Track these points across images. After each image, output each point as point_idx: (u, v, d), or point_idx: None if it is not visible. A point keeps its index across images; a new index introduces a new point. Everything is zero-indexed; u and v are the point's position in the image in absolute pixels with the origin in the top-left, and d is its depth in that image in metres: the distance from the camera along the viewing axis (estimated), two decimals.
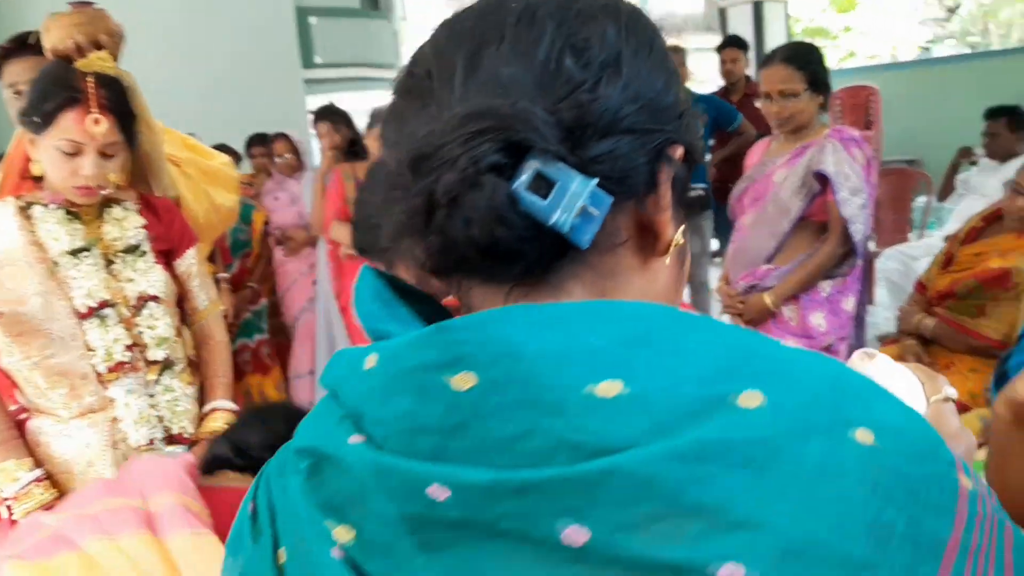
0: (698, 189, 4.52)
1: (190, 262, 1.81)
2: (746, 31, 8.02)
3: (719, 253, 5.43)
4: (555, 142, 0.41)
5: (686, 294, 4.81)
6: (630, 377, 0.37)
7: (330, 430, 0.44)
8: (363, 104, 6.90)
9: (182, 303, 1.82)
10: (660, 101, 0.45)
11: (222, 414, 1.76)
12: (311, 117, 4.25)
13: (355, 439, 0.42)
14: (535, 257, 0.42)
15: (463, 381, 0.39)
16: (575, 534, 0.36)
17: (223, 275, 3.66)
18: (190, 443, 1.70)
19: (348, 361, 0.44)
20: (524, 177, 0.40)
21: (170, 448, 1.67)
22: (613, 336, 0.39)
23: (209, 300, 1.86)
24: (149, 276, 1.69)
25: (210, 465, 1.32)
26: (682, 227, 0.48)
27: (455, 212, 0.40)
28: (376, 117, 3.51)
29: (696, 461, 0.35)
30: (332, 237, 3.61)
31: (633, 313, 0.40)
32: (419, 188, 0.41)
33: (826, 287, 2.45)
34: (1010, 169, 3.27)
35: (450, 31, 0.47)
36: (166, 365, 1.70)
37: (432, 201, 0.41)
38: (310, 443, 0.45)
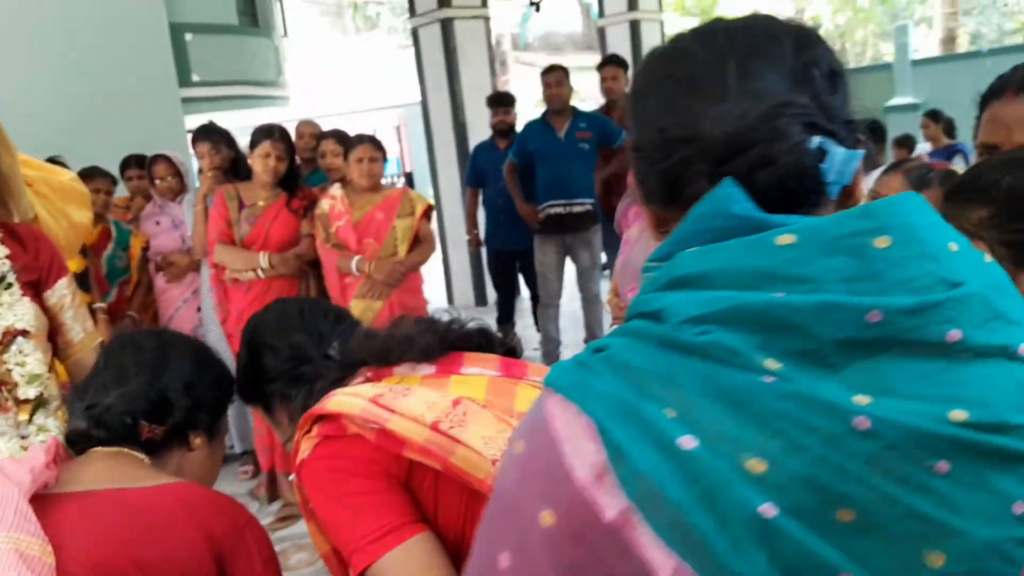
0: (586, 205, 4.63)
1: (62, 293, 1.71)
2: (624, 49, 8.28)
3: (608, 266, 5.56)
4: (829, 126, 0.61)
5: (578, 306, 4.91)
6: (957, 240, 0.60)
7: (725, 297, 0.58)
8: (245, 122, 6.71)
9: (54, 337, 1.72)
10: (853, 99, 0.66)
11: None
12: (190, 137, 4.10)
13: (779, 295, 0.57)
14: (815, 201, 0.62)
15: (883, 242, 0.57)
16: (954, 335, 0.55)
17: (99, 305, 3.48)
18: None
19: (743, 247, 0.59)
20: (814, 148, 0.60)
21: None
22: (937, 217, 0.61)
23: (84, 332, 1.76)
24: (16, 309, 1.59)
25: (74, 447, 1.21)
26: (867, 188, 0.65)
27: (774, 171, 0.60)
28: (259, 135, 3.42)
29: (995, 289, 0.59)
30: (216, 261, 3.49)
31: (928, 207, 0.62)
32: (752, 155, 0.60)
33: None
34: (871, 179, 3.49)
35: (706, 45, 0.65)
36: (39, 404, 1.59)
37: (755, 163, 0.60)
38: (704, 311, 0.58)
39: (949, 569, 0.52)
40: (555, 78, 4.67)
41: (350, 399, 1.14)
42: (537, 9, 4.92)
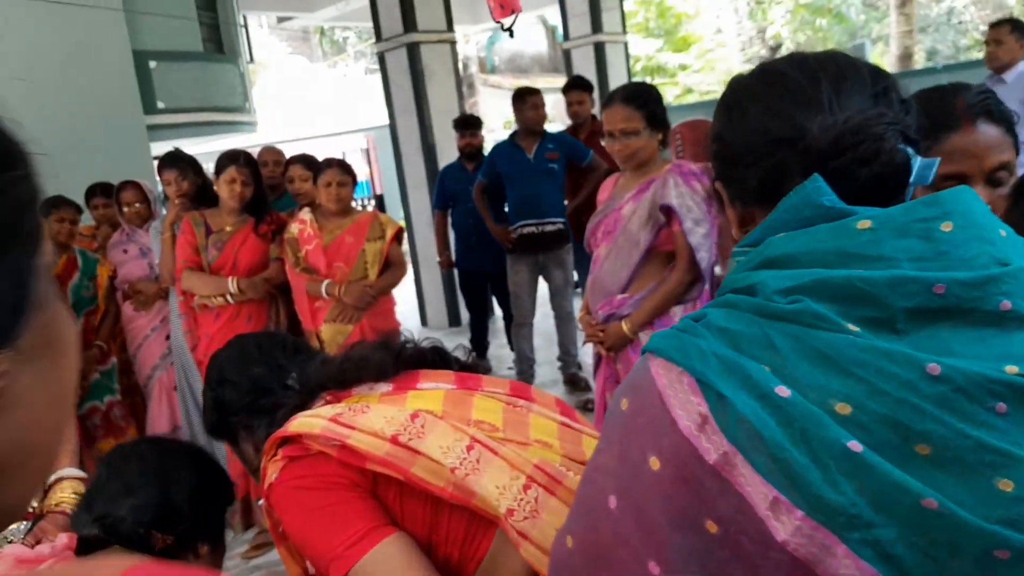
0: (557, 224, 4.67)
1: None
2: (589, 70, 8.38)
3: (580, 284, 5.60)
4: (913, 136, 0.73)
5: (551, 325, 4.92)
6: (1004, 228, 0.70)
7: (811, 273, 0.67)
8: (212, 148, 6.68)
9: None
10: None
11: (69, 483, 1.64)
12: (157, 164, 4.06)
13: (858, 271, 0.66)
14: (900, 197, 0.73)
15: (947, 226, 0.67)
16: (1006, 304, 0.64)
17: None
18: (34, 517, 1.58)
19: (827, 231, 0.68)
20: (902, 152, 0.71)
21: (12, 526, 1.54)
22: (987, 207, 0.70)
23: None
24: None
25: (86, 551, 1.22)
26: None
27: (874, 167, 0.70)
28: (225, 161, 3.40)
29: None
30: (184, 287, 3.46)
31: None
32: (859, 152, 0.70)
33: (678, 312, 2.58)
34: None
35: (799, 68, 0.75)
36: None
37: (855, 160, 0.70)
38: (793, 284, 0.67)
39: (1018, 493, 0.59)
40: (540, 99, 4.75)
41: (311, 420, 1.18)
42: (511, 35, 4.95)
